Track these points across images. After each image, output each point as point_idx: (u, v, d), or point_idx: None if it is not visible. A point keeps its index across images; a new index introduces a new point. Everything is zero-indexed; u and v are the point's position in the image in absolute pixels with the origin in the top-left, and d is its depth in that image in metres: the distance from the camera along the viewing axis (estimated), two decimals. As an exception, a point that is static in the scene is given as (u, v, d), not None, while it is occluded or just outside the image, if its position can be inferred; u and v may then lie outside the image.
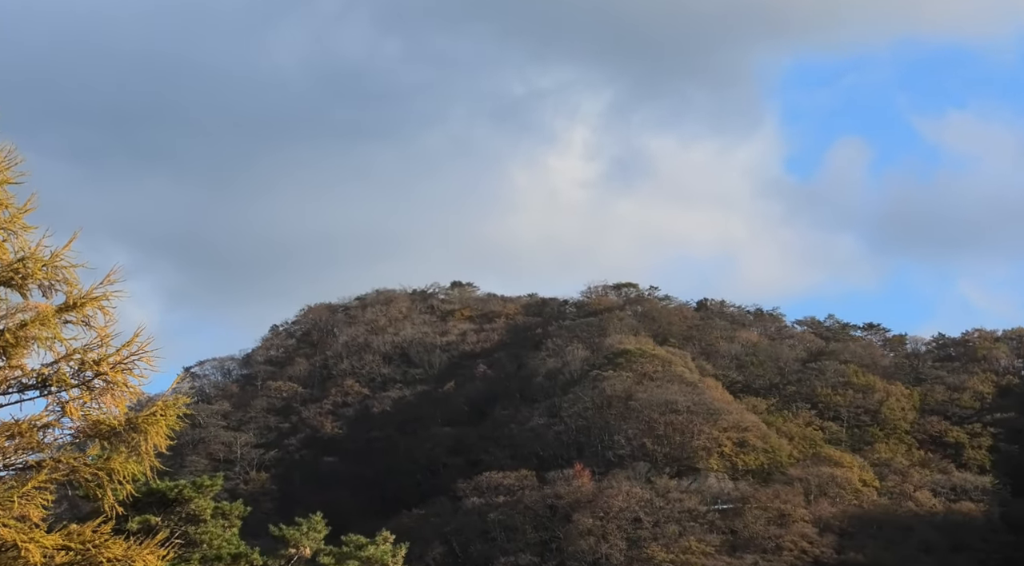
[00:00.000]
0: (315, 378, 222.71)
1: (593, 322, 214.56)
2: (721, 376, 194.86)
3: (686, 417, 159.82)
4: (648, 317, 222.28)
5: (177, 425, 20.88)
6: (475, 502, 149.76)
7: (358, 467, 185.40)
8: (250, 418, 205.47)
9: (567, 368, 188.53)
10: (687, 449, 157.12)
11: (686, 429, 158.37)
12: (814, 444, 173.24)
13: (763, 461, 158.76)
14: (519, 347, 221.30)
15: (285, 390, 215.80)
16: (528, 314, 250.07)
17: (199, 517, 49.48)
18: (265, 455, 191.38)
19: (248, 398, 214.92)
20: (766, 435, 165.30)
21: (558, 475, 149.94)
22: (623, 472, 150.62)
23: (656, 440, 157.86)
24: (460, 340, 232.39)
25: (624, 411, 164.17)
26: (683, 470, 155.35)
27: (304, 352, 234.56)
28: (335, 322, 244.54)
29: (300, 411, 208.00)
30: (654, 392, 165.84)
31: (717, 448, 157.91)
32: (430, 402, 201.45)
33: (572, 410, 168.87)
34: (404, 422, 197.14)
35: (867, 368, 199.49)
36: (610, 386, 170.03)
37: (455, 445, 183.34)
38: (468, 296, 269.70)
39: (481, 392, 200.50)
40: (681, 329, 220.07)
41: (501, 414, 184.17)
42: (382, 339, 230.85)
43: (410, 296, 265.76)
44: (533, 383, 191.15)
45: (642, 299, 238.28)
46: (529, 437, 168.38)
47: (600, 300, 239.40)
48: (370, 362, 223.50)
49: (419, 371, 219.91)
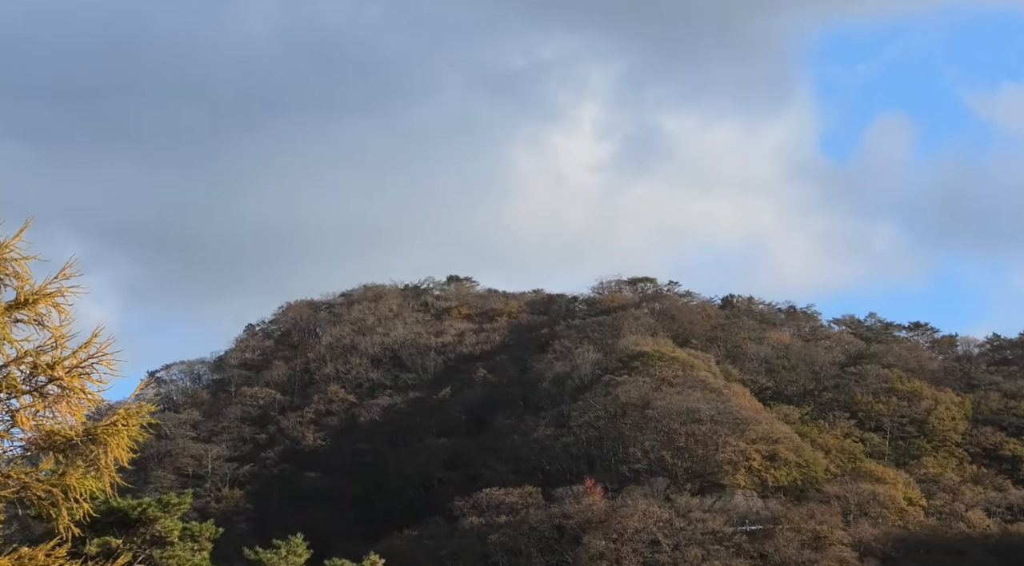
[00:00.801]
0: (295, 384, 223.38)
1: (605, 321, 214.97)
2: (749, 381, 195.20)
3: (710, 427, 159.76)
4: (667, 316, 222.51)
5: (141, 436, 20.82)
6: (474, 522, 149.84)
7: (343, 483, 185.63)
8: (223, 428, 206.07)
9: (576, 372, 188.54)
10: (711, 463, 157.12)
11: (710, 441, 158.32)
12: (853, 458, 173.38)
13: (796, 477, 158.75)
14: (523, 349, 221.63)
15: (262, 397, 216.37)
16: (533, 312, 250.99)
17: (165, 539, 49.49)
18: (239, 470, 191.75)
19: (220, 406, 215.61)
20: (799, 448, 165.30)
21: (566, 492, 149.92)
22: (639, 489, 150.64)
23: (676, 453, 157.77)
24: (457, 341, 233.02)
25: (640, 420, 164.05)
26: (706, 487, 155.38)
27: (283, 355, 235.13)
28: (317, 321, 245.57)
29: (279, 421, 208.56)
30: (674, 399, 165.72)
31: (745, 462, 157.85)
32: (424, 410, 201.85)
33: (582, 419, 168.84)
34: (395, 433, 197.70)
35: (913, 373, 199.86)
36: (625, 393, 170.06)
37: (451, 459, 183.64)
38: (466, 292, 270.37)
39: (480, 399, 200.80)
40: (704, 329, 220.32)
41: (503, 424, 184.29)
42: (370, 340, 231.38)
43: (401, 292, 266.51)
44: (538, 389, 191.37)
45: (660, 296, 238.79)
46: (534, 449, 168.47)
47: (613, 297, 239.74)
48: (357, 366, 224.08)
49: (411, 376, 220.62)
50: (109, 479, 20.24)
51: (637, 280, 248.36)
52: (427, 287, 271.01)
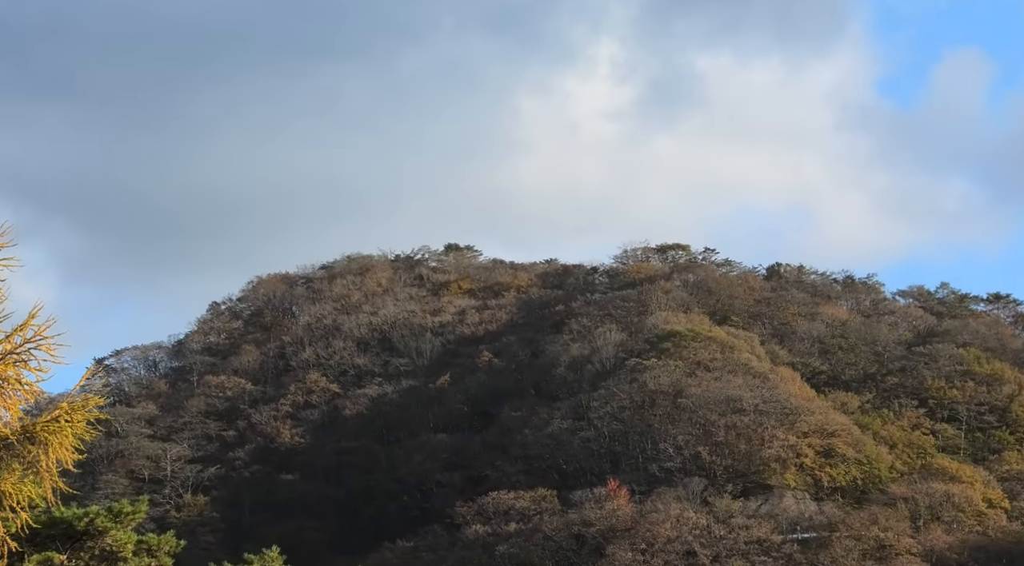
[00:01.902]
0: (268, 372, 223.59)
1: (630, 296, 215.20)
2: (799, 365, 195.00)
3: (754, 419, 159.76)
4: (703, 289, 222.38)
5: (87, 434, 20.73)
6: (478, 531, 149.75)
7: (326, 487, 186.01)
8: (183, 425, 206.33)
9: (597, 356, 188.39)
10: (755, 461, 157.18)
11: (754, 434, 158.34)
12: (923, 453, 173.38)
13: (856, 476, 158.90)
14: (534, 329, 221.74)
15: (229, 388, 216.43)
16: (545, 286, 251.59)
17: (117, 554, 49.64)
18: (203, 473, 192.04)
19: (180, 399, 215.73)
20: (859, 441, 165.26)
21: (586, 495, 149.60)
22: (672, 491, 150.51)
23: (715, 449, 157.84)
24: (457, 320, 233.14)
25: (672, 411, 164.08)
26: (750, 488, 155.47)
27: (253, 338, 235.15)
28: (294, 298, 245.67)
29: (249, 415, 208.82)
30: (711, 386, 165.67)
31: (795, 459, 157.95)
32: (419, 402, 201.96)
33: (604, 410, 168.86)
34: (385, 428, 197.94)
35: (992, 353, 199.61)
36: (654, 379, 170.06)
37: (452, 457, 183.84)
38: (467, 263, 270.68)
39: (485, 388, 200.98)
40: (746, 304, 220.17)
41: (511, 417, 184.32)
42: (355, 320, 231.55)
43: (392, 264, 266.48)
44: (553, 376, 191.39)
45: (694, 265, 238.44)
46: (548, 446, 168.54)
47: (639, 267, 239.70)
48: (340, 350, 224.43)
49: (404, 361, 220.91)
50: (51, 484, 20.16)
51: (667, 247, 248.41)
52: (422, 257, 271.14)
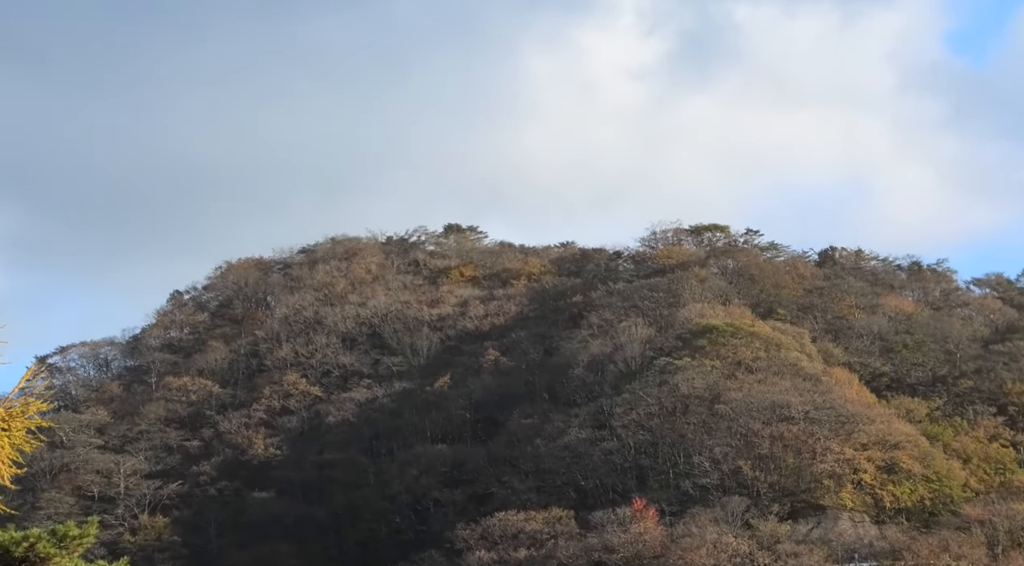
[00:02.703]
0: (239, 372, 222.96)
1: (659, 285, 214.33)
2: (857, 365, 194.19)
3: (804, 428, 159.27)
4: (744, 276, 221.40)
5: (27, 444, 20.63)
6: (483, 558, 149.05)
7: (305, 506, 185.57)
8: (140, 434, 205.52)
9: (620, 354, 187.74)
10: (806, 477, 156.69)
11: (804, 446, 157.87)
12: (1002, 468, 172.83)
13: (923, 495, 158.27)
14: (548, 323, 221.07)
15: (193, 390, 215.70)
16: (561, 273, 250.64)
17: (64, 584, 49.40)
18: (163, 489, 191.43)
19: (137, 403, 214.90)
20: (927, 455, 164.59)
21: (608, 516, 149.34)
22: (708, 512, 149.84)
23: (758, 463, 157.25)
24: (459, 313, 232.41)
25: (708, 419, 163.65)
26: (800, 509, 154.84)
27: (222, 333, 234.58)
28: (269, 287, 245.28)
29: (216, 422, 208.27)
30: (754, 390, 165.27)
31: (852, 475, 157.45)
32: (415, 407, 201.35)
33: (629, 418, 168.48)
34: (375, 438, 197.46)
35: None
36: (687, 381, 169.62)
37: (452, 472, 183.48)
38: (470, 247, 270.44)
39: (491, 391, 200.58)
40: (795, 294, 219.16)
41: (521, 424, 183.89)
42: (341, 312, 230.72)
43: (383, 247, 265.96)
44: (569, 377, 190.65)
45: (734, 249, 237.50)
46: (564, 459, 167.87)
47: (670, 251, 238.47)
48: (323, 347, 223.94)
49: (398, 360, 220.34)
50: (-16, 503, 20.48)
51: (702, 229, 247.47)
52: (417, 240, 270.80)
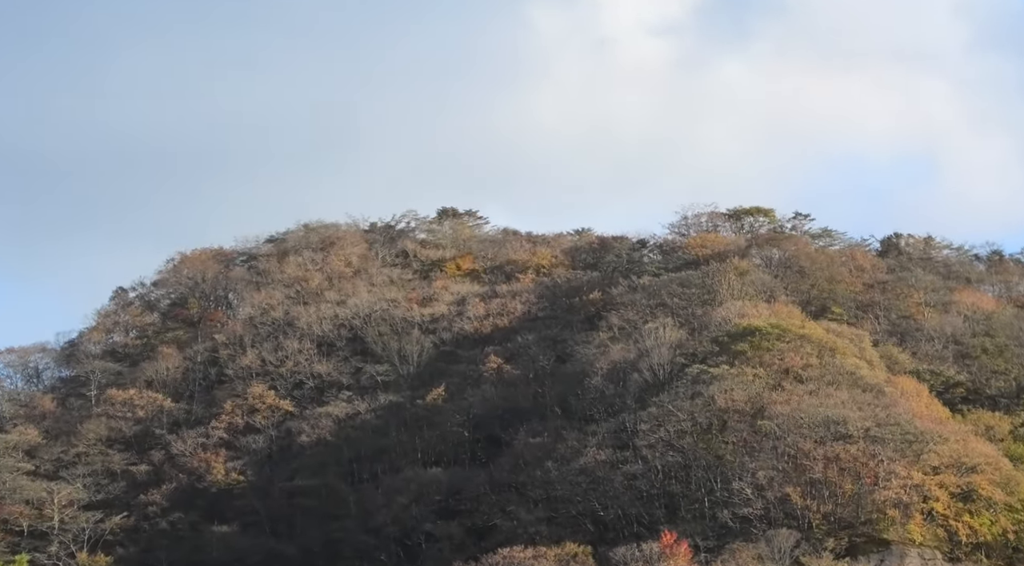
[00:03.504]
0: (194, 383, 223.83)
1: (692, 279, 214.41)
2: (927, 373, 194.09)
3: (864, 448, 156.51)
4: (792, 268, 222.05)
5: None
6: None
7: (274, 542, 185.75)
8: (77, 457, 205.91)
9: (646, 361, 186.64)
10: (866, 506, 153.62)
11: (864, 470, 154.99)
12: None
13: (1006, 527, 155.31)
14: (560, 324, 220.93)
15: (141, 405, 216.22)
16: (576, 265, 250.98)
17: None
18: (105, 523, 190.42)
19: (73, 420, 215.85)
20: (1011, 480, 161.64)
21: (632, 552, 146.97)
22: (750, 547, 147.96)
23: (810, 489, 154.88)
24: (455, 313, 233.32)
25: (751, 437, 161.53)
26: (859, 544, 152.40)
27: (175, 336, 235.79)
28: (231, 282, 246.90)
29: (168, 443, 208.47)
30: (805, 403, 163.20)
31: (921, 504, 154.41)
32: (403, 424, 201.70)
33: (656, 436, 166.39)
34: (356, 460, 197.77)
35: None
36: (725, 393, 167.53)
37: (448, 500, 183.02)
38: (468, 235, 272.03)
39: (493, 405, 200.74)
40: (853, 289, 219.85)
41: (528, 444, 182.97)
42: (316, 312, 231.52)
43: (365, 235, 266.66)
44: (586, 388, 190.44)
45: (780, 237, 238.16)
46: (579, 485, 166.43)
47: (704, 239, 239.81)
48: (295, 354, 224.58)
49: (383, 369, 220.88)
50: None
51: (742, 212, 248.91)
52: (406, 227, 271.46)
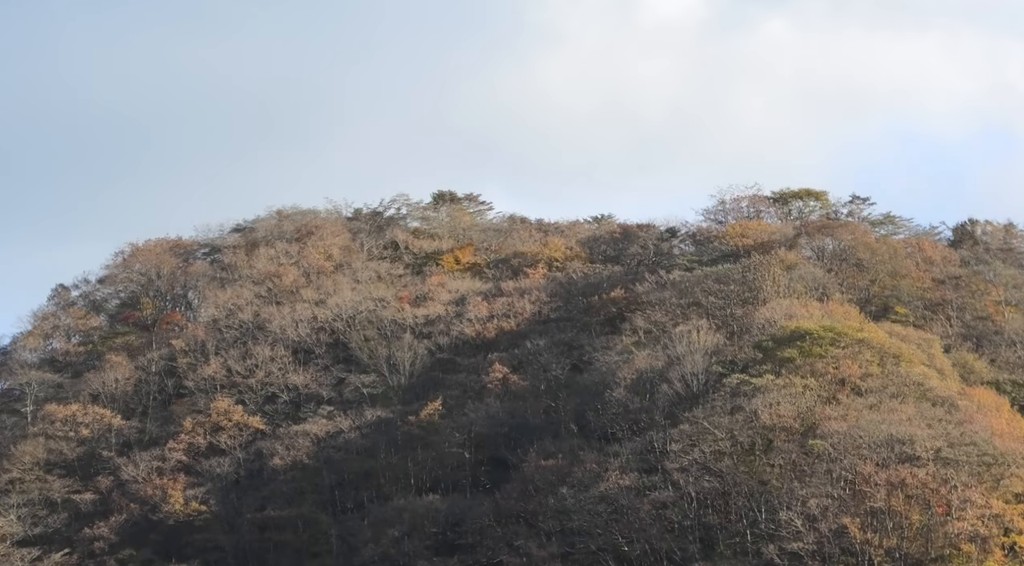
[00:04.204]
0: (149, 397, 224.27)
1: (731, 273, 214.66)
2: (1008, 383, 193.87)
3: (934, 472, 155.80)
4: (849, 261, 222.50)
5: None
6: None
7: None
8: (11, 483, 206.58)
9: (677, 370, 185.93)
10: (938, 539, 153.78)
11: (935, 497, 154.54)
12: None
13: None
14: (575, 327, 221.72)
15: (85, 423, 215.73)
16: (594, 258, 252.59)
17: None
18: (42, 560, 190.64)
19: (5, 441, 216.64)
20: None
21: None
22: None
23: (871, 520, 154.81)
24: (454, 314, 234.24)
25: (801, 459, 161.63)
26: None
27: (125, 342, 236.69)
28: (191, 279, 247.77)
29: (118, 467, 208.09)
30: (864, 419, 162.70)
31: (1002, 538, 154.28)
32: (393, 444, 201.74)
33: (689, 458, 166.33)
34: (339, 487, 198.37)
35: None
36: (770, 407, 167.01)
37: (446, 532, 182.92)
38: (469, 223, 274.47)
39: (498, 422, 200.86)
40: (920, 285, 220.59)
41: (540, 468, 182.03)
42: (291, 313, 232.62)
43: (348, 224, 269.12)
44: (606, 402, 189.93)
45: (834, 224, 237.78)
46: (600, 515, 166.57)
47: (745, 228, 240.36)
48: (266, 362, 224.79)
49: (369, 380, 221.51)
50: None
51: (789, 196, 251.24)
52: (396, 214, 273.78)
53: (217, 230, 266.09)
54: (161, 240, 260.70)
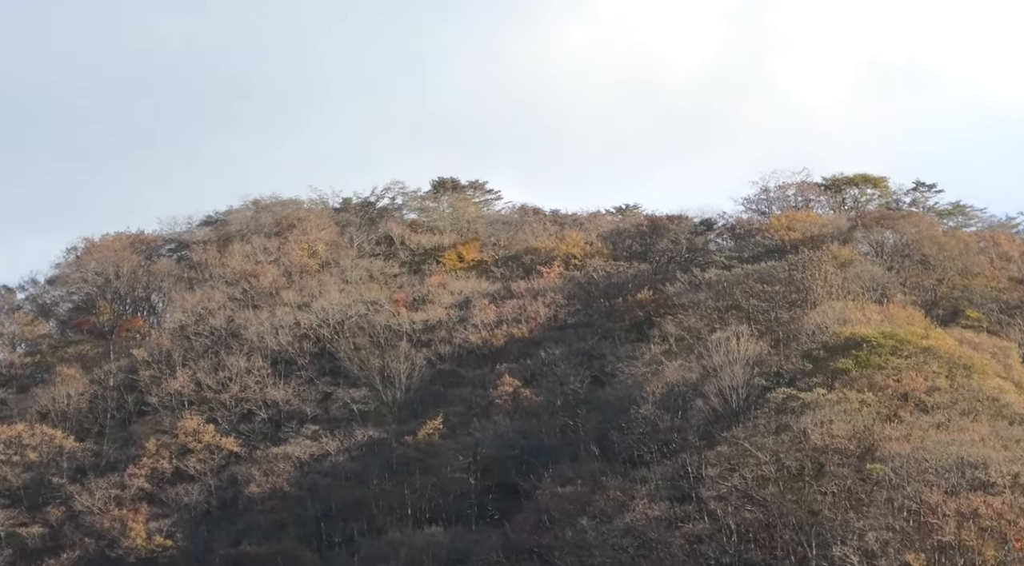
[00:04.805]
0: (107, 415, 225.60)
1: (775, 272, 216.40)
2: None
3: (1011, 500, 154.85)
4: (912, 258, 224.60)
5: None
6: None
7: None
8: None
9: (714, 383, 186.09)
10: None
11: (1012, 529, 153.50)
12: None
13: None
14: (596, 334, 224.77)
15: (31, 445, 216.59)
16: (618, 255, 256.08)
17: None
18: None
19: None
20: None
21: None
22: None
23: (939, 556, 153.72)
24: (457, 319, 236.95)
25: (857, 486, 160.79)
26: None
27: (78, 352, 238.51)
28: (154, 279, 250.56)
29: (70, 496, 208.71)
30: (930, 440, 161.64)
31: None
32: (387, 468, 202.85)
33: (728, 484, 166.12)
34: (325, 518, 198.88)
35: None
36: (822, 426, 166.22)
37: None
38: (474, 214, 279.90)
39: (508, 442, 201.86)
40: (996, 286, 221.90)
41: (556, 495, 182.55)
42: (270, 318, 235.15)
43: (336, 215, 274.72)
44: (632, 419, 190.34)
45: (895, 215, 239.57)
46: (625, 549, 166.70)
47: (792, 219, 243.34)
48: (241, 374, 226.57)
49: (360, 394, 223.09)
50: None
51: (843, 182, 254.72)
52: (391, 204, 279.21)
53: (184, 223, 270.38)
54: (120, 235, 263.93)
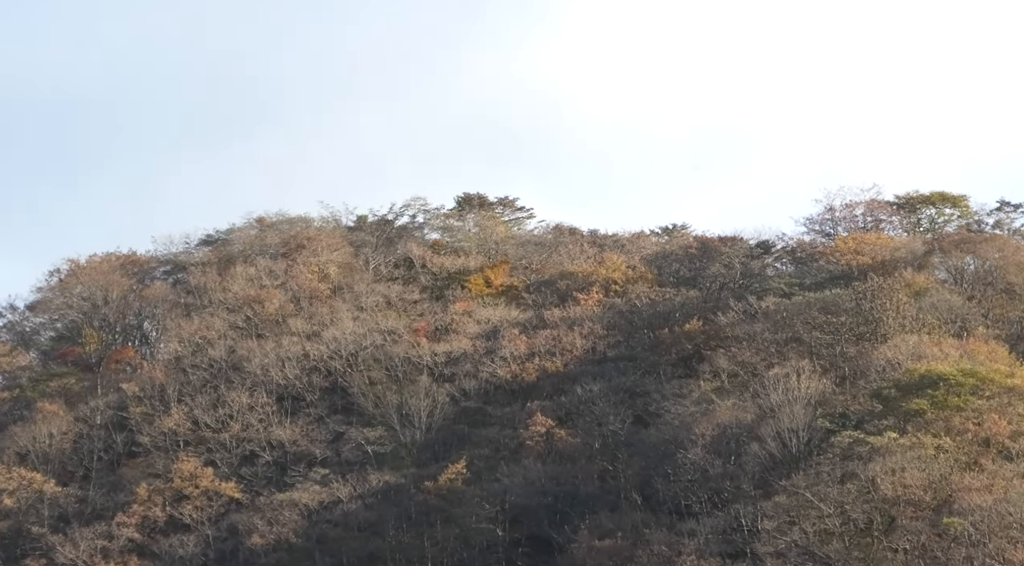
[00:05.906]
0: (93, 457, 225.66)
1: (842, 301, 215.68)
2: None
3: None
4: (996, 286, 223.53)
5: None
6: None
7: None
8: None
9: (771, 425, 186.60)
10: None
11: None
12: None
13: None
14: (639, 369, 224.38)
15: (10, 489, 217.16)
16: (664, 281, 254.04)
17: None
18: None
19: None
20: None
21: None
22: None
23: None
24: (484, 351, 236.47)
25: (933, 542, 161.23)
26: None
27: (61, 386, 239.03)
28: (147, 306, 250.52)
29: (52, 547, 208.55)
30: (1014, 490, 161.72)
31: None
32: (405, 517, 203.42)
33: (787, 538, 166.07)
34: None
35: None
36: (893, 474, 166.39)
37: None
38: (503, 235, 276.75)
39: (540, 489, 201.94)
40: None
41: (594, 549, 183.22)
42: (275, 350, 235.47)
43: (349, 235, 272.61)
44: (679, 464, 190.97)
45: (975, 238, 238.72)
46: None
47: (860, 241, 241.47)
48: (243, 412, 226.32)
49: (376, 434, 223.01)
50: None
51: (918, 201, 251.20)
52: (410, 222, 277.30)
53: (181, 243, 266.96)
54: (109, 255, 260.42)
